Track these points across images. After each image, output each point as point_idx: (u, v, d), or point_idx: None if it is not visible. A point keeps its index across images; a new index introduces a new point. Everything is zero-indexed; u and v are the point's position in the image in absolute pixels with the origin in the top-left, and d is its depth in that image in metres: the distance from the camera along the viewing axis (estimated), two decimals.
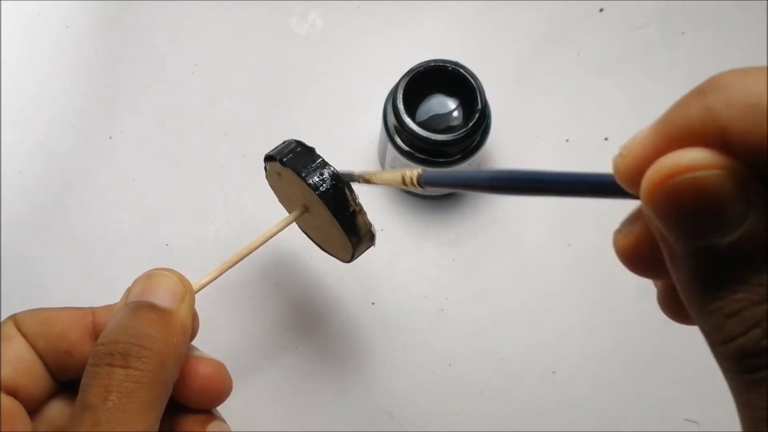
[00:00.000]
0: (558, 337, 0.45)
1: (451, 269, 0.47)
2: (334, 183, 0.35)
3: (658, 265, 0.21)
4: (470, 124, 0.42)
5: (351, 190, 0.35)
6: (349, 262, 0.38)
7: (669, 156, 0.19)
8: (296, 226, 0.41)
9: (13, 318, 0.33)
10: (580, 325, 0.46)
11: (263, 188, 0.41)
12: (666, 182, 0.18)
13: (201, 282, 0.35)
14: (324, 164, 0.35)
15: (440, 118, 0.44)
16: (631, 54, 0.50)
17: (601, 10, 0.51)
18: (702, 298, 0.19)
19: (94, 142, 0.49)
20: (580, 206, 0.47)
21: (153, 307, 0.32)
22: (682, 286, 0.20)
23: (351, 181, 0.35)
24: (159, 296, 0.32)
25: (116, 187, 0.48)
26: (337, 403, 0.44)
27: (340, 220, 0.35)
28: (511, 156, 0.48)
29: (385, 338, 0.45)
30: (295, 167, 0.35)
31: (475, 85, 0.42)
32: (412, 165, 0.44)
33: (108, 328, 0.31)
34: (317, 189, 0.35)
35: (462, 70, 0.43)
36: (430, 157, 0.43)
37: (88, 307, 0.34)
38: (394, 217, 0.48)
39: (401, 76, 0.43)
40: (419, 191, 0.30)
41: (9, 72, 0.50)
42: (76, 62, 0.50)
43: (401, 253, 0.47)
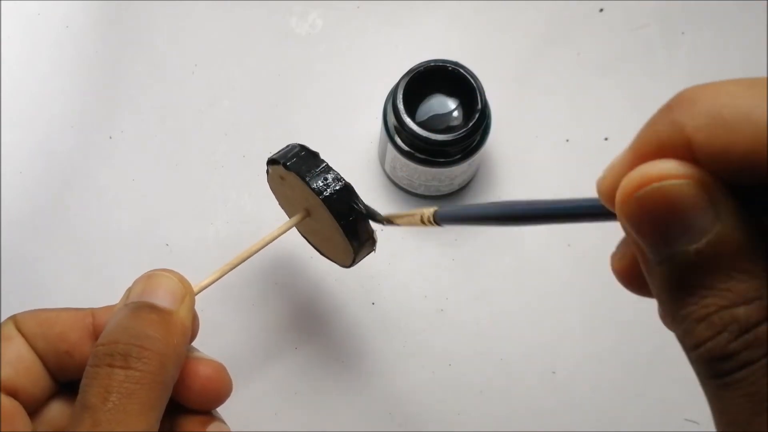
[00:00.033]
0: (558, 337, 0.45)
1: (451, 269, 0.47)
2: (338, 188, 0.35)
3: None
4: (470, 124, 0.42)
5: (355, 195, 0.35)
6: (349, 267, 0.38)
7: (639, 168, 0.19)
8: (296, 231, 0.41)
9: (13, 318, 0.33)
10: (580, 325, 0.46)
11: (263, 188, 0.41)
12: (635, 193, 0.19)
13: (201, 284, 0.35)
14: (328, 169, 0.35)
15: (440, 118, 0.44)
16: (631, 54, 0.50)
17: (601, 10, 0.51)
18: (674, 305, 0.20)
19: (94, 142, 0.49)
20: None
21: (153, 308, 0.32)
22: (656, 294, 0.20)
23: (374, 221, 0.35)
24: (159, 297, 0.32)
25: (116, 187, 0.48)
26: (337, 403, 0.44)
27: (343, 226, 0.35)
28: (511, 156, 0.48)
29: (385, 338, 0.45)
30: (299, 171, 0.35)
31: (475, 85, 0.42)
32: (412, 165, 0.44)
33: (108, 328, 0.31)
34: (321, 193, 0.35)
35: (462, 70, 0.43)
36: (430, 157, 0.43)
37: (87, 308, 0.34)
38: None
39: (401, 76, 0.43)
40: (437, 228, 0.31)
41: (9, 72, 0.50)
42: (76, 62, 0.50)
43: (401, 253, 0.47)
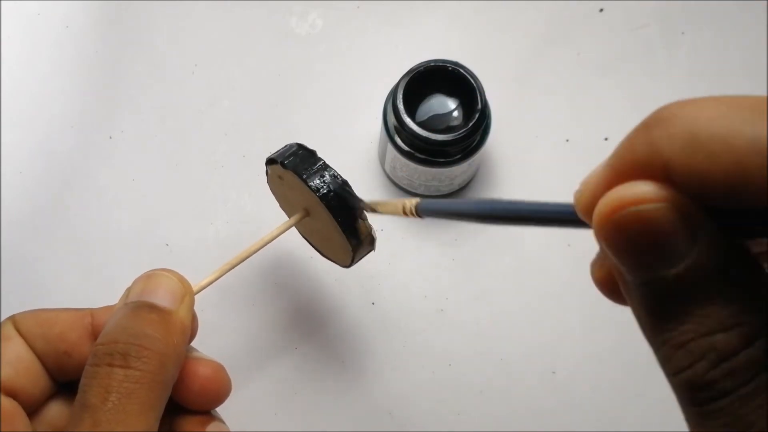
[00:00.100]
0: (558, 337, 0.45)
1: (451, 269, 0.47)
2: (336, 186, 0.35)
3: None
4: (470, 124, 0.42)
5: (352, 193, 0.35)
6: (348, 266, 0.38)
7: (616, 190, 0.19)
8: (296, 231, 0.41)
9: (12, 319, 0.33)
10: (580, 325, 0.46)
11: (263, 188, 0.41)
12: (612, 216, 0.19)
13: (201, 284, 0.35)
14: (325, 167, 0.35)
15: (440, 118, 0.44)
16: (631, 54, 0.50)
17: (601, 10, 0.51)
18: (653, 329, 0.19)
19: (94, 142, 0.49)
20: None
21: (153, 308, 0.32)
22: (636, 316, 0.20)
23: (357, 208, 0.35)
24: (159, 296, 0.32)
25: (116, 187, 0.48)
26: (337, 403, 0.44)
27: (341, 223, 0.35)
28: (511, 156, 0.48)
29: (385, 338, 0.45)
30: (297, 169, 0.35)
31: (475, 85, 0.42)
32: (412, 165, 0.44)
33: (107, 328, 0.31)
34: (318, 191, 0.35)
35: (462, 70, 0.43)
36: (430, 157, 0.43)
37: (87, 308, 0.34)
38: (394, 217, 0.47)
39: (401, 76, 0.43)
40: (419, 220, 0.31)
41: (9, 72, 0.50)
42: (76, 62, 0.50)
43: (401, 253, 0.47)
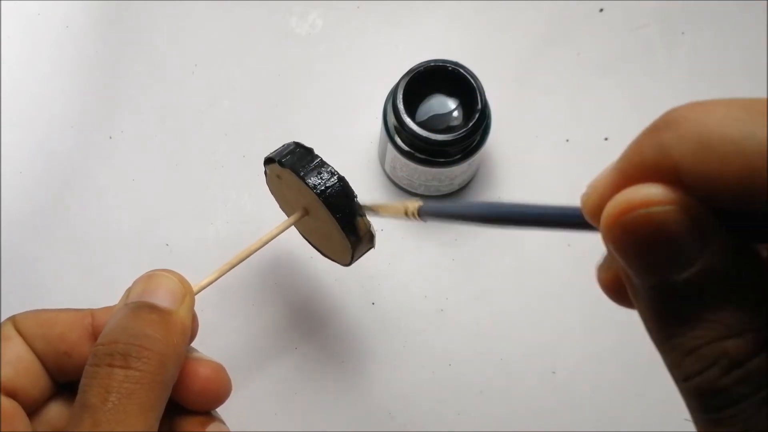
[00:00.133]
0: (558, 337, 0.45)
1: (451, 269, 0.47)
2: (333, 182, 0.35)
3: None
4: (470, 124, 0.42)
5: (350, 190, 0.35)
6: (348, 265, 0.38)
7: (625, 192, 0.19)
8: (296, 231, 0.41)
9: (12, 319, 0.33)
10: (580, 325, 0.46)
11: (263, 188, 0.41)
12: (621, 218, 0.19)
13: (201, 284, 0.35)
14: (322, 164, 0.35)
15: (440, 118, 0.44)
16: (631, 54, 0.50)
17: (601, 10, 0.51)
18: (661, 334, 0.19)
19: (94, 142, 0.49)
20: None
21: (153, 308, 0.32)
22: (644, 319, 0.20)
23: (355, 205, 0.35)
24: (159, 297, 0.32)
25: (116, 187, 0.48)
26: (337, 403, 0.44)
27: (339, 220, 0.35)
28: (511, 156, 0.48)
29: (385, 338, 0.45)
30: (294, 167, 0.35)
31: (475, 85, 0.42)
32: (412, 165, 0.44)
33: (108, 328, 0.31)
34: (316, 188, 0.35)
35: (462, 70, 0.43)
36: (430, 157, 0.43)
37: (87, 309, 0.34)
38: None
39: (401, 76, 0.43)
40: (421, 222, 0.31)
41: (9, 72, 0.50)
42: (76, 62, 0.50)
43: (401, 253, 0.47)
